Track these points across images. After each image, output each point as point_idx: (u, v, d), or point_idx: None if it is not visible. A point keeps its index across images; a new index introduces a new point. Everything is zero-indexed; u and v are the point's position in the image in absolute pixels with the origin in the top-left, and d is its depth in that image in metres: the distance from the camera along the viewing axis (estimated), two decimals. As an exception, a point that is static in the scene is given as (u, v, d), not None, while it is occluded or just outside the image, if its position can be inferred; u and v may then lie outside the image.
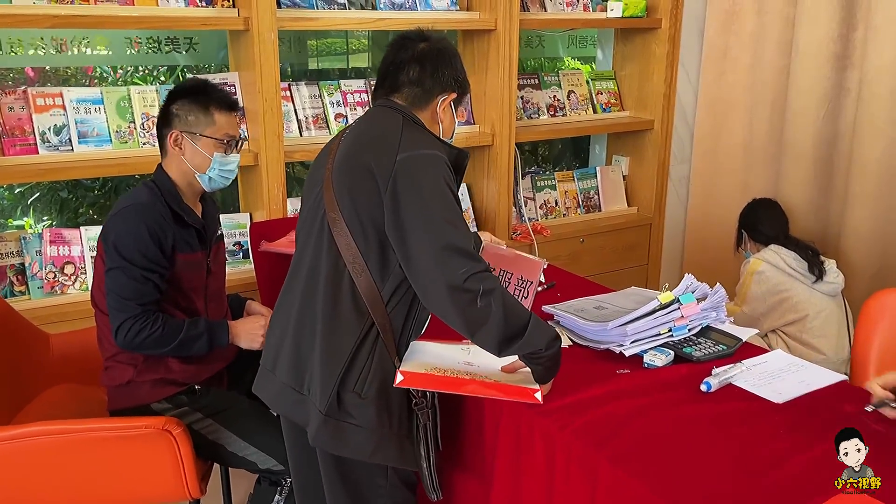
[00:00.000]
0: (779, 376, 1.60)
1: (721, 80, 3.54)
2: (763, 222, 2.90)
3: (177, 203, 1.91)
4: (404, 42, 1.63)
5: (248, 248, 2.80)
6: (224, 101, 1.94)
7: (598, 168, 3.79)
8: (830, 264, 2.78)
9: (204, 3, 2.61)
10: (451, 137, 1.68)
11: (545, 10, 3.36)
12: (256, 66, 2.59)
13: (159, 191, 1.91)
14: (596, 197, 3.77)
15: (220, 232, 2.13)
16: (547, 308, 1.87)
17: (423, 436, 1.52)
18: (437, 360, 1.56)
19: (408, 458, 1.52)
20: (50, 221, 3.17)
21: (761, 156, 3.44)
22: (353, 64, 3.87)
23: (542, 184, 3.62)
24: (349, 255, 1.50)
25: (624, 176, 3.85)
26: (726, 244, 3.18)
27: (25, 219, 3.12)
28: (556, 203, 3.65)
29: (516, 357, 1.48)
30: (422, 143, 1.51)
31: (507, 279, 1.91)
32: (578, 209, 3.71)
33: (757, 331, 1.90)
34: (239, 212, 2.93)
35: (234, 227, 2.84)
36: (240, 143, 1.98)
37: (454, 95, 1.62)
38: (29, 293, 2.50)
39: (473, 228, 3.36)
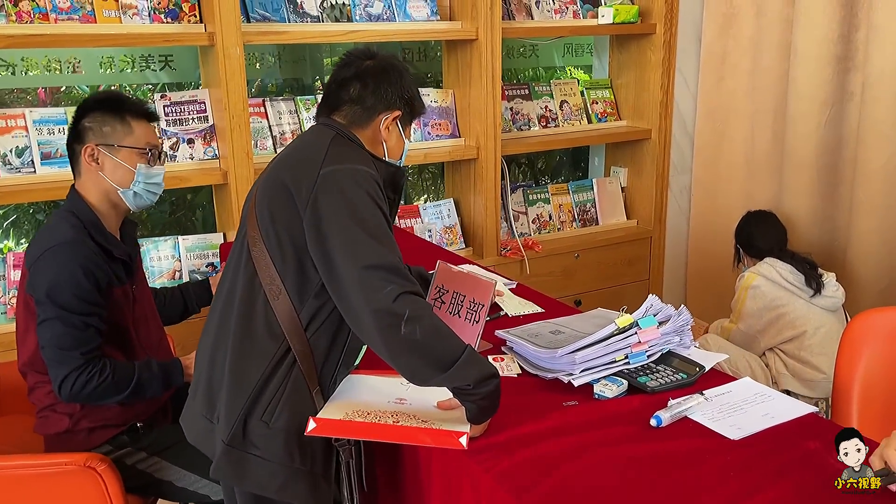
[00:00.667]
0: (741, 408, 1.45)
1: (720, 86, 3.39)
2: (757, 236, 2.75)
3: (101, 235, 1.76)
4: (349, 59, 1.56)
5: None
6: (140, 110, 1.81)
7: (594, 180, 3.66)
8: (829, 277, 2.61)
9: (169, 19, 2.56)
10: (401, 158, 1.59)
11: (532, 18, 3.25)
12: (223, 82, 2.53)
13: (80, 223, 1.73)
14: (593, 210, 3.64)
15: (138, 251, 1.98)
16: (500, 333, 1.75)
17: (346, 475, 1.41)
18: (366, 398, 1.45)
19: (322, 498, 1.40)
20: (28, 244, 3.13)
21: (764, 164, 3.28)
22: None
23: (535, 197, 3.50)
24: (266, 276, 1.42)
25: (623, 188, 3.71)
26: (731, 256, 3.02)
27: (5, 241, 3.09)
28: (550, 217, 3.53)
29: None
30: (347, 158, 1.43)
31: (459, 302, 1.79)
32: (574, 223, 3.58)
33: (727, 356, 1.75)
34: (215, 231, 2.87)
35: (206, 247, 2.77)
36: (162, 156, 1.85)
37: (398, 114, 1.54)
38: (-8, 318, 2.46)
39: (461, 246, 3.26)
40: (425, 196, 4.14)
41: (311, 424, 1.33)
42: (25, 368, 1.81)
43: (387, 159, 1.55)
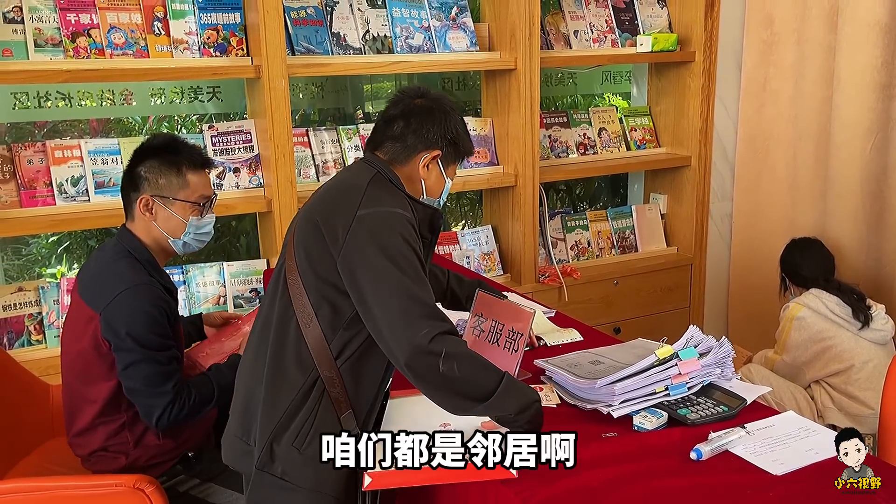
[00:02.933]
0: (784, 443, 1.44)
1: (761, 113, 3.37)
2: (802, 264, 2.71)
3: (158, 273, 1.84)
4: (400, 97, 1.61)
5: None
6: (196, 160, 1.86)
7: (633, 206, 3.65)
8: (879, 310, 2.56)
9: (218, 53, 2.65)
10: (440, 197, 1.63)
11: (570, 48, 3.28)
12: (268, 113, 2.60)
13: (139, 263, 1.80)
14: (632, 237, 3.62)
15: None
16: (539, 362, 1.75)
17: (372, 501, 1.43)
18: (412, 428, 1.46)
19: None
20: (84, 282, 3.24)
21: (807, 192, 3.24)
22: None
23: (574, 224, 3.50)
24: (299, 305, 1.47)
25: (662, 214, 3.69)
26: (774, 285, 2.98)
27: (59, 267, 3.20)
28: (589, 243, 3.52)
29: None
30: (383, 201, 1.47)
31: (498, 330, 1.81)
32: (613, 250, 3.57)
33: (769, 388, 1.74)
34: (259, 257, 2.93)
35: (250, 273, 2.83)
36: (213, 202, 1.91)
37: (438, 153, 1.57)
38: (46, 342, 2.54)
39: (498, 272, 3.27)
40: (463, 222, 4.17)
41: (367, 479, 1.33)
42: (86, 408, 1.82)
43: (424, 198, 1.59)
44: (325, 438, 1.33)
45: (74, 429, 1.86)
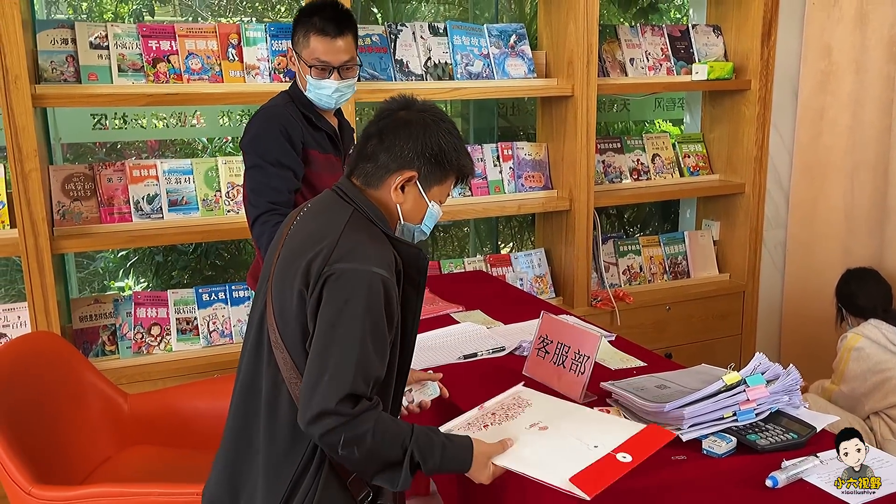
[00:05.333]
0: (858, 473, 1.44)
1: (817, 142, 3.37)
2: (860, 294, 2.70)
3: (308, 108, 2.07)
4: (385, 110, 1.43)
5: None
6: (322, 27, 2.00)
7: (686, 233, 3.66)
8: (939, 341, 2.53)
9: (287, 78, 2.75)
10: (421, 223, 1.45)
11: (626, 75, 3.32)
12: (334, 136, 2.68)
13: (290, 98, 2.08)
14: (684, 262, 3.63)
15: None
16: (605, 385, 1.78)
17: None
18: (534, 442, 1.45)
19: None
20: (147, 283, 3.37)
21: (864, 221, 3.23)
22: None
23: (626, 249, 3.52)
24: (286, 369, 1.35)
25: (715, 241, 3.70)
26: (828, 315, 2.96)
27: (126, 280, 3.33)
28: (641, 269, 3.54)
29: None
30: (358, 255, 1.31)
31: (563, 353, 1.85)
32: (665, 275, 3.58)
33: (837, 418, 1.74)
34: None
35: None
36: (334, 73, 2.03)
37: (412, 175, 1.38)
38: (118, 353, 2.65)
39: (551, 295, 3.31)
40: (511, 244, 4.22)
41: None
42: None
43: (402, 224, 1.43)
44: None
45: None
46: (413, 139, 1.38)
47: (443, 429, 1.45)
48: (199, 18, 3.74)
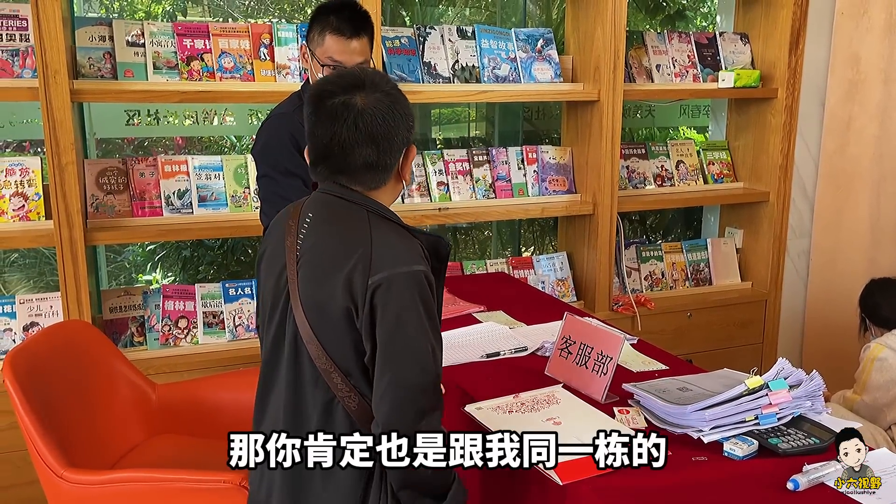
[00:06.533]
0: (882, 479, 1.45)
1: (844, 151, 3.36)
2: (883, 304, 2.69)
3: None
4: (335, 111, 1.31)
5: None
6: (338, 26, 1.98)
7: (708, 240, 3.66)
8: (965, 353, 2.52)
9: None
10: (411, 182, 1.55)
11: (652, 81, 3.33)
12: (362, 136, 2.72)
13: (301, 101, 2.03)
14: (706, 270, 3.63)
15: None
16: (627, 386, 1.80)
17: None
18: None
19: None
20: (174, 277, 3.43)
21: (889, 232, 3.22)
22: (473, 133, 3.99)
23: (648, 254, 3.53)
24: (340, 389, 1.35)
25: (738, 249, 3.69)
26: (851, 325, 2.95)
27: (154, 274, 3.39)
28: (663, 275, 3.54)
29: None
30: (396, 258, 1.31)
31: (586, 353, 1.87)
32: (686, 282, 3.58)
33: (860, 424, 1.74)
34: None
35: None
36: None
37: (412, 150, 1.42)
38: (146, 344, 2.70)
39: (573, 298, 3.32)
40: (533, 248, 4.24)
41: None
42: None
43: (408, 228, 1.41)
44: None
45: None
46: (403, 123, 1.36)
47: (472, 407, 1.48)
48: (230, 19, 3.80)
